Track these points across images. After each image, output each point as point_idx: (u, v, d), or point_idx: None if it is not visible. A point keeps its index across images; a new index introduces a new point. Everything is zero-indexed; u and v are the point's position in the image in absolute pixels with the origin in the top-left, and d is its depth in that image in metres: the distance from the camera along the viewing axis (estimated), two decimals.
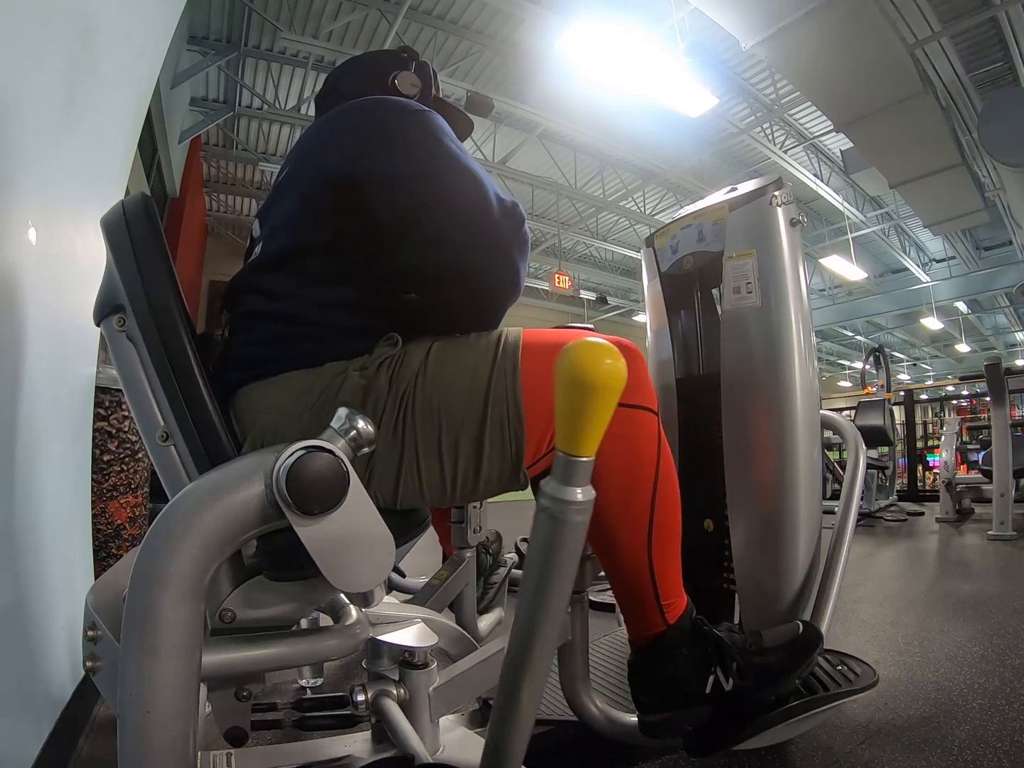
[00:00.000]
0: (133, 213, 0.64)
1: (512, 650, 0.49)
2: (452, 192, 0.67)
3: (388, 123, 0.70)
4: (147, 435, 0.62)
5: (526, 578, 0.47)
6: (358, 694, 0.73)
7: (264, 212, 0.78)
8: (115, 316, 0.64)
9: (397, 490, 0.65)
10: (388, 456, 0.64)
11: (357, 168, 0.68)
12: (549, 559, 0.45)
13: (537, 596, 0.46)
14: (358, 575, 0.54)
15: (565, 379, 0.42)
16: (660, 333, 1.34)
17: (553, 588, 0.46)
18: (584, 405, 0.42)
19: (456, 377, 0.65)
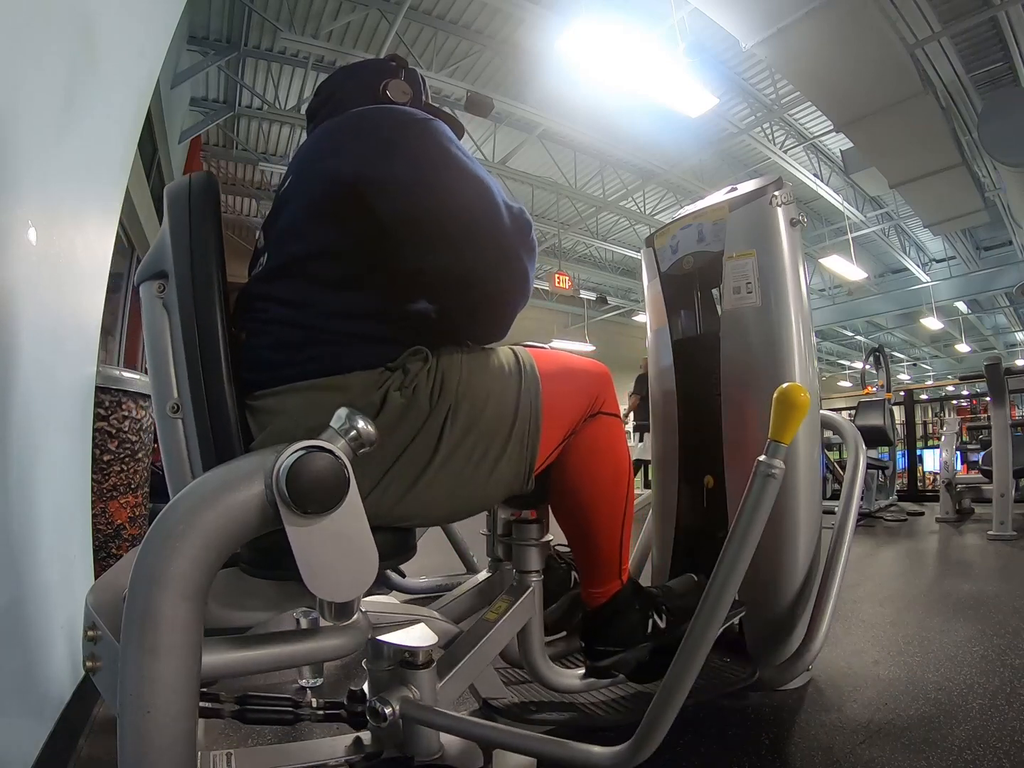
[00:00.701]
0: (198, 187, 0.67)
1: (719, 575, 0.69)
2: (462, 201, 0.68)
3: (396, 132, 0.71)
4: (158, 404, 0.63)
5: (740, 518, 0.69)
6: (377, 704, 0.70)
7: (269, 221, 0.78)
8: (156, 282, 0.65)
9: (404, 502, 0.67)
10: (417, 471, 0.67)
11: (366, 176, 0.68)
12: (761, 501, 0.69)
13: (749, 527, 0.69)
14: (337, 584, 0.54)
15: (784, 402, 0.69)
16: (660, 333, 1.34)
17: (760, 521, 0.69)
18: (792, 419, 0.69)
19: (488, 397, 0.72)
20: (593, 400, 0.83)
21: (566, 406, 0.79)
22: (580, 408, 0.81)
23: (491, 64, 6.05)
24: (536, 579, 0.91)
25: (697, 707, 1.03)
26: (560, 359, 0.84)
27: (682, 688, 0.67)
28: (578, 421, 0.81)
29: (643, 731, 0.66)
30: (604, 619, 0.90)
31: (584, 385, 0.83)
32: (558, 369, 0.81)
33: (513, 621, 0.87)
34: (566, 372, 0.82)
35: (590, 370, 0.85)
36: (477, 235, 0.68)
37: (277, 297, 0.71)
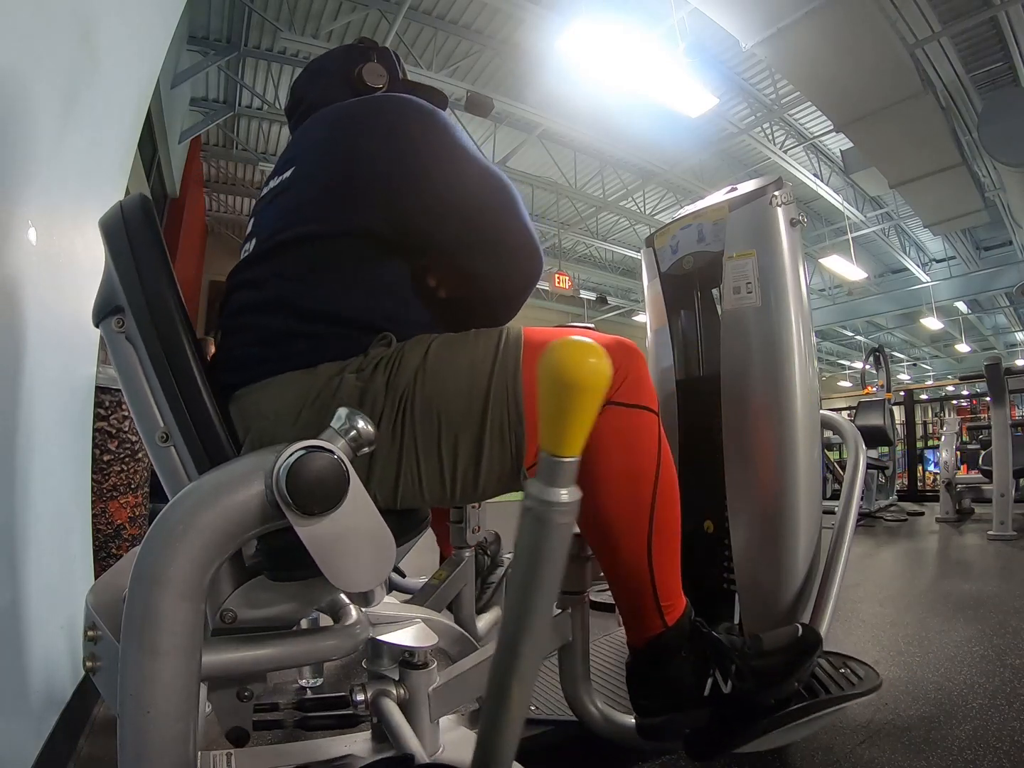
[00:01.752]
0: (131, 214, 0.64)
1: (500, 652, 0.49)
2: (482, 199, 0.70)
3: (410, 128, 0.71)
4: (147, 436, 0.62)
5: (512, 580, 0.47)
6: (357, 694, 0.73)
7: (263, 209, 0.77)
8: (114, 317, 0.63)
9: (397, 490, 0.64)
10: (387, 457, 0.63)
11: (388, 176, 0.68)
12: (534, 561, 0.46)
13: (523, 598, 0.46)
14: (359, 575, 0.54)
15: (548, 378, 0.41)
16: (660, 333, 1.34)
17: (539, 590, 0.46)
18: (568, 404, 0.41)
19: (455, 377, 0.64)
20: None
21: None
22: None
23: (491, 64, 6.05)
24: (577, 601, 0.83)
25: None
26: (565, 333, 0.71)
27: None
28: None
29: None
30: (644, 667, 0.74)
31: None
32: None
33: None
34: None
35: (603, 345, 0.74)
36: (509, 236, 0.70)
37: (260, 283, 0.69)
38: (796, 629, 0.82)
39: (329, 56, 0.88)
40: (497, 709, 0.50)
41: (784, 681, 0.76)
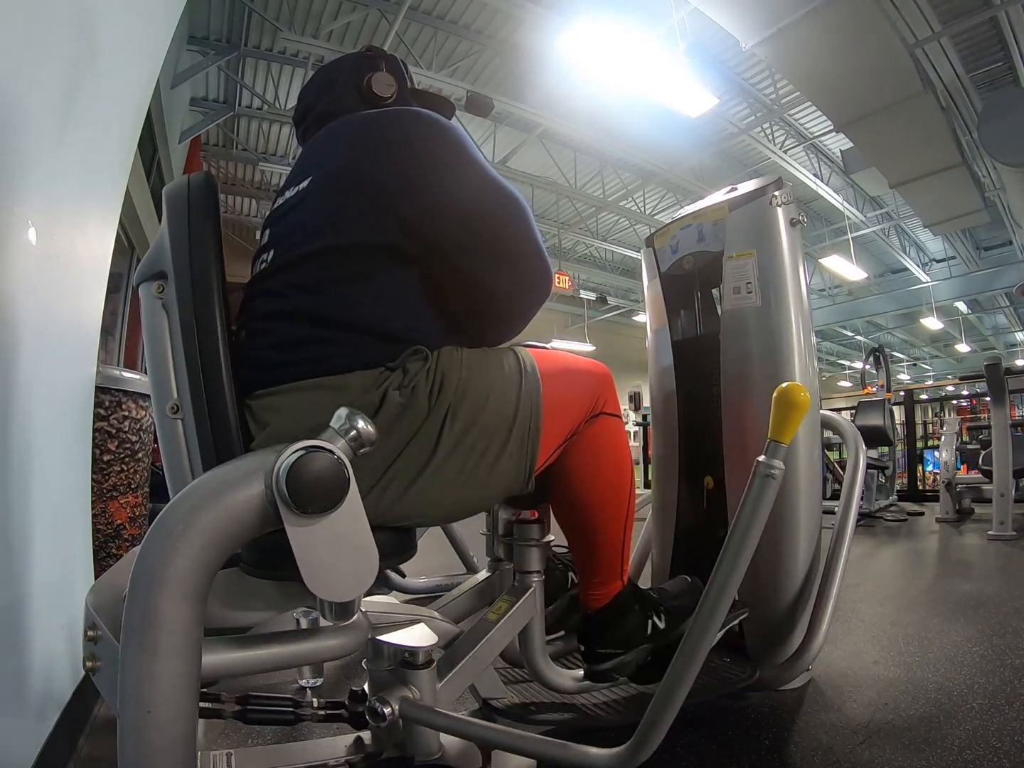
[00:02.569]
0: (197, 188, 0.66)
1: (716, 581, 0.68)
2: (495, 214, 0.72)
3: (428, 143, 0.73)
4: (158, 405, 0.63)
5: (739, 518, 0.68)
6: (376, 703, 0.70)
7: (276, 218, 0.78)
8: (156, 282, 0.65)
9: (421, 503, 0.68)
10: (416, 469, 0.67)
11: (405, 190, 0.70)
12: (758, 505, 0.68)
13: (746, 535, 0.68)
14: (338, 584, 0.54)
15: (784, 401, 0.68)
16: (660, 333, 1.34)
17: (759, 525, 0.68)
18: (792, 419, 0.68)
19: (488, 395, 0.72)
20: (594, 401, 0.82)
21: (567, 407, 0.79)
22: (581, 409, 0.81)
23: (491, 64, 6.05)
24: (537, 580, 0.91)
25: (697, 707, 1.03)
26: (561, 359, 0.84)
27: (681, 689, 0.67)
28: (580, 422, 0.81)
29: (642, 732, 0.66)
30: (604, 621, 0.89)
31: (585, 385, 0.83)
32: (559, 369, 0.81)
33: (514, 622, 0.86)
34: (567, 372, 0.82)
35: (591, 370, 0.85)
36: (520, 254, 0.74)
37: (283, 293, 0.70)
38: (686, 579, 1.04)
39: (338, 65, 0.88)
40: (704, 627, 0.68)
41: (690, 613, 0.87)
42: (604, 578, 0.90)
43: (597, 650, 0.90)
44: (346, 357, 0.68)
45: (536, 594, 0.90)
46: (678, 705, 0.67)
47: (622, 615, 0.89)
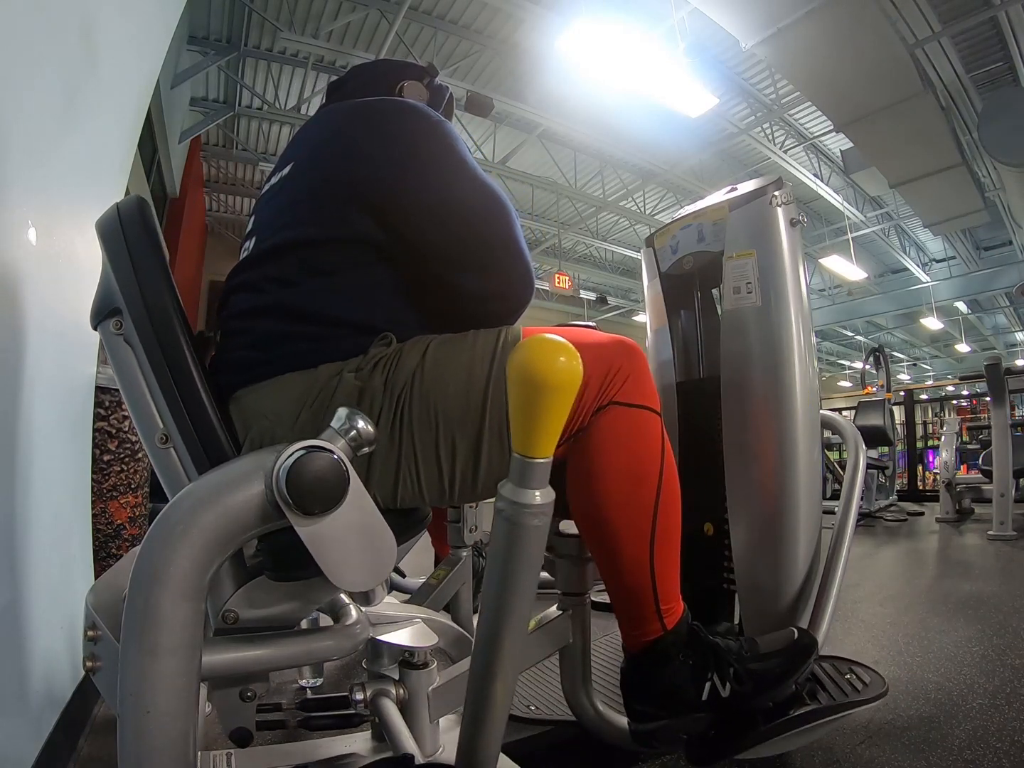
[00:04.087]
0: (128, 215, 0.64)
1: (477, 656, 0.48)
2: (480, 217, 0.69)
3: (413, 136, 0.70)
4: (147, 438, 0.62)
5: (487, 584, 0.47)
6: (357, 693, 0.73)
7: (263, 206, 0.77)
8: (112, 319, 0.63)
9: (396, 490, 0.64)
10: (386, 457, 0.63)
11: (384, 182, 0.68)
12: (508, 564, 0.45)
13: (499, 603, 0.46)
14: (360, 574, 0.54)
15: (517, 378, 0.41)
16: (660, 333, 1.34)
17: (514, 594, 0.45)
18: (538, 405, 0.40)
19: (453, 377, 0.63)
20: (602, 384, 0.65)
21: None
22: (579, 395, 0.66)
23: (491, 64, 6.04)
24: (576, 602, 0.81)
25: None
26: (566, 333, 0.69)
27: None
28: (584, 412, 0.66)
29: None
30: (642, 672, 0.72)
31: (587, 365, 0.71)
32: None
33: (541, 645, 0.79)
34: None
35: (602, 344, 0.67)
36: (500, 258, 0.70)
37: (260, 287, 0.69)
38: (792, 632, 0.82)
39: (392, 61, 0.89)
40: (478, 715, 0.49)
41: (781, 684, 0.76)
42: (634, 616, 0.72)
43: (635, 705, 0.74)
44: (325, 352, 0.66)
45: (579, 619, 0.81)
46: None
47: (662, 668, 0.70)
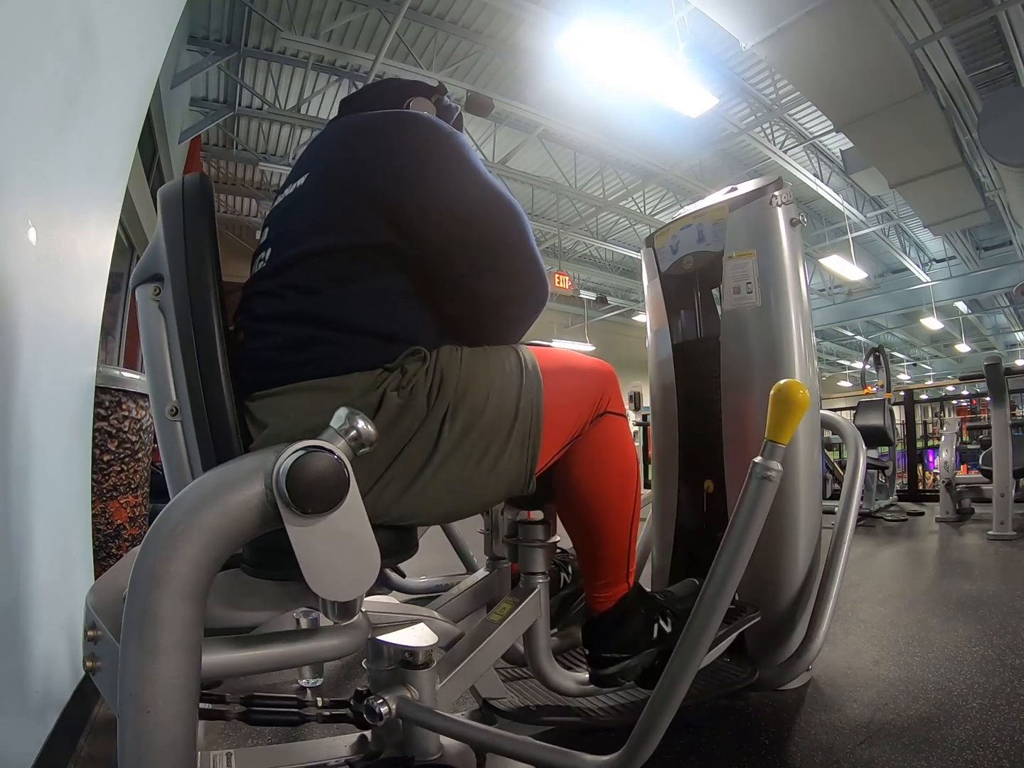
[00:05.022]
0: (191, 189, 0.66)
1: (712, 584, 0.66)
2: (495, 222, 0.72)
3: (428, 146, 0.72)
4: (157, 407, 0.63)
5: (735, 522, 0.66)
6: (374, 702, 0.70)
7: (276, 216, 0.78)
8: (152, 284, 0.65)
9: (421, 503, 0.68)
10: (416, 470, 0.66)
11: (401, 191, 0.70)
12: (755, 508, 0.65)
13: (743, 536, 0.65)
14: (339, 584, 0.54)
15: (782, 400, 0.65)
16: (660, 333, 1.34)
17: (756, 528, 0.66)
18: (791, 418, 0.65)
19: (488, 394, 0.71)
20: (598, 400, 0.81)
21: (570, 406, 0.78)
22: (585, 408, 0.80)
23: (491, 64, 6.04)
24: (542, 581, 0.90)
25: (697, 707, 1.03)
26: (563, 358, 0.82)
27: (677, 694, 0.65)
28: (584, 422, 0.80)
29: (636, 738, 0.65)
30: (610, 625, 0.88)
31: (589, 385, 0.81)
32: (561, 368, 0.80)
33: (517, 623, 0.86)
34: (570, 372, 0.81)
35: (595, 369, 0.84)
36: (515, 263, 0.73)
37: (281, 294, 0.70)
38: (693, 582, 1.03)
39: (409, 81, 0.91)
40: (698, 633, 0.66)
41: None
42: (609, 580, 0.88)
43: (602, 654, 0.88)
44: (346, 358, 0.67)
45: (541, 595, 0.90)
46: (673, 710, 0.65)
47: (628, 619, 0.88)
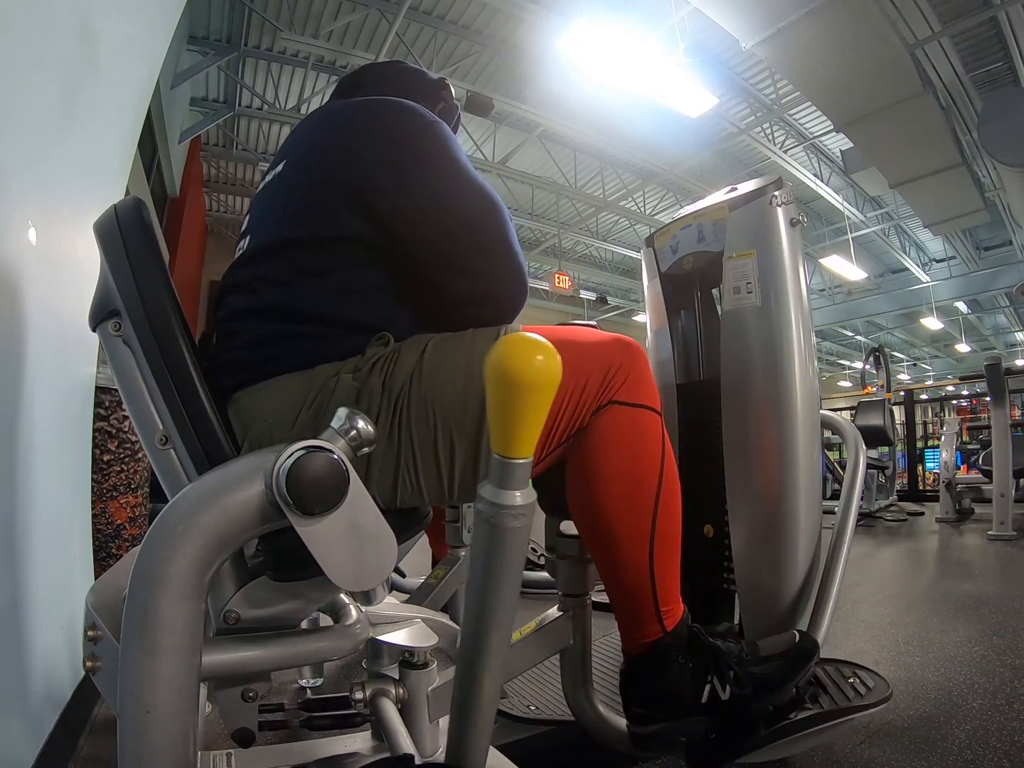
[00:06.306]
0: (125, 216, 0.64)
1: (461, 659, 0.49)
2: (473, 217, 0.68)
3: (407, 134, 0.70)
4: (146, 439, 0.62)
5: (471, 587, 0.47)
6: (356, 692, 0.72)
7: (257, 204, 0.76)
8: (111, 321, 0.63)
9: (396, 490, 0.64)
10: (385, 457, 0.63)
11: (378, 188, 0.67)
12: (489, 566, 0.45)
13: (481, 605, 0.46)
14: (361, 573, 0.54)
15: (493, 376, 0.40)
16: (660, 333, 1.34)
17: (497, 595, 0.45)
18: (515, 404, 0.40)
19: (452, 376, 0.62)
20: (602, 383, 0.65)
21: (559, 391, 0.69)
22: (576, 395, 0.64)
23: (491, 64, 6.04)
24: (576, 603, 0.81)
25: None
26: (561, 335, 0.65)
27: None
28: (584, 411, 0.65)
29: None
30: (641, 674, 0.72)
31: (587, 362, 0.65)
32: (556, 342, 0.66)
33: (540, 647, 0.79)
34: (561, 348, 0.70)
35: (600, 343, 0.67)
36: (492, 261, 0.68)
37: (255, 288, 0.68)
38: (794, 636, 0.81)
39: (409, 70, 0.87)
40: (464, 718, 0.50)
41: (782, 687, 0.75)
42: (634, 619, 0.72)
43: (633, 707, 0.73)
44: (322, 352, 0.65)
45: (580, 620, 0.81)
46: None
47: (662, 671, 0.70)
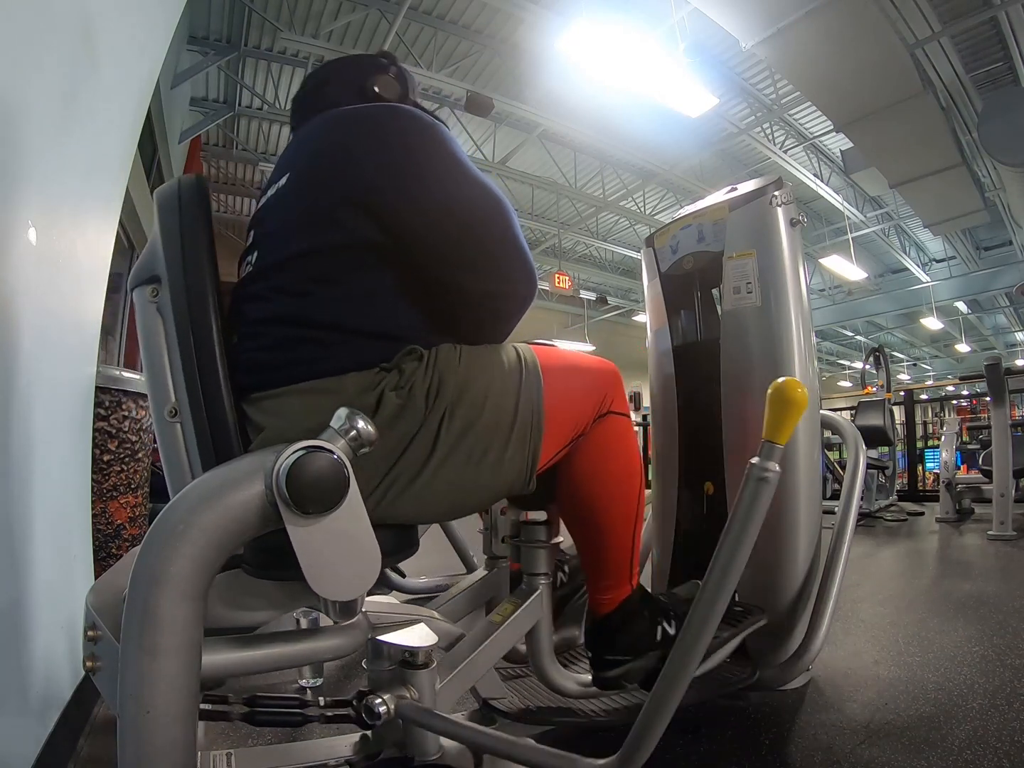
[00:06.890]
0: (187, 190, 0.66)
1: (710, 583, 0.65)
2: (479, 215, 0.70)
3: (409, 142, 0.71)
4: (156, 408, 0.63)
5: (732, 525, 0.65)
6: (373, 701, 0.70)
7: (260, 218, 0.77)
8: (150, 286, 0.64)
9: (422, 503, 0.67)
10: (416, 470, 0.66)
11: (382, 193, 0.68)
12: (755, 506, 0.64)
13: (740, 538, 0.64)
14: (339, 584, 0.54)
15: (779, 399, 0.63)
16: (660, 333, 1.34)
17: (753, 530, 0.65)
18: (788, 416, 0.64)
19: (488, 394, 0.70)
20: (602, 399, 0.80)
21: (571, 405, 0.77)
22: (588, 408, 0.78)
23: (491, 64, 6.04)
24: (544, 582, 0.89)
25: (697, 707, 1.03)
26: (565, 357, 0.81)
27: (673, 696, 0.64)
28: (587, 422, 0.79)
29: (633, 741, 0.64)
30: (613, 627, 0.87)
31: (592, 384, 0.80)
32: (563, 367, 0.78)
33: (519, 624, 0.86)
34: (572, 370, 0.80)
35: (598, 368, 0.83)
36: (500, 256, 0.71)
37: (270, 297, 0.69)
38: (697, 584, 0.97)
39: (354, 58, 0.87)
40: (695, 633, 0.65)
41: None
42: (612, 582, 0.87)
43: (605, 657, 0.87)
44: (340, 358, 0.66)
45: (543, 596, 0.89)
46: (670, 712, 0.64)
47: (631, 621, 0.87)
